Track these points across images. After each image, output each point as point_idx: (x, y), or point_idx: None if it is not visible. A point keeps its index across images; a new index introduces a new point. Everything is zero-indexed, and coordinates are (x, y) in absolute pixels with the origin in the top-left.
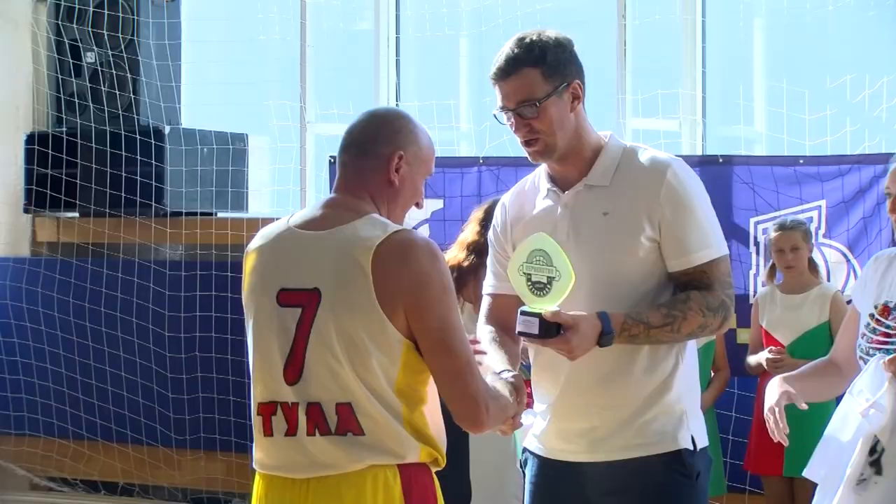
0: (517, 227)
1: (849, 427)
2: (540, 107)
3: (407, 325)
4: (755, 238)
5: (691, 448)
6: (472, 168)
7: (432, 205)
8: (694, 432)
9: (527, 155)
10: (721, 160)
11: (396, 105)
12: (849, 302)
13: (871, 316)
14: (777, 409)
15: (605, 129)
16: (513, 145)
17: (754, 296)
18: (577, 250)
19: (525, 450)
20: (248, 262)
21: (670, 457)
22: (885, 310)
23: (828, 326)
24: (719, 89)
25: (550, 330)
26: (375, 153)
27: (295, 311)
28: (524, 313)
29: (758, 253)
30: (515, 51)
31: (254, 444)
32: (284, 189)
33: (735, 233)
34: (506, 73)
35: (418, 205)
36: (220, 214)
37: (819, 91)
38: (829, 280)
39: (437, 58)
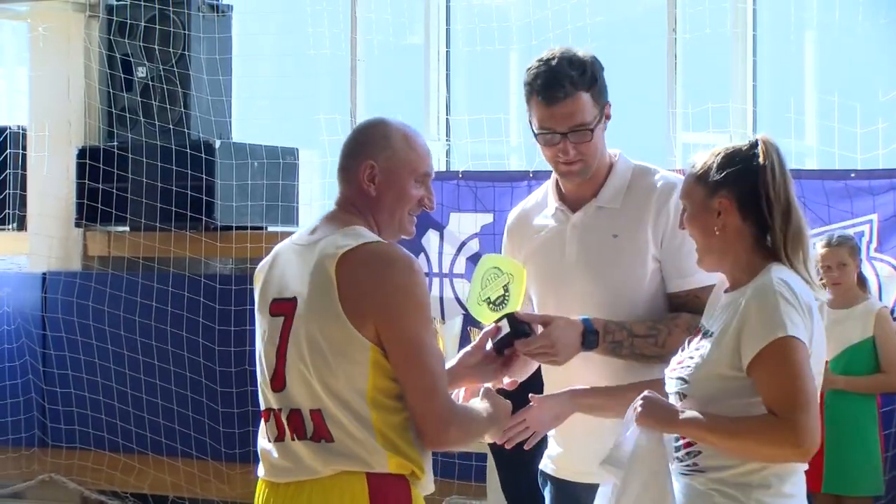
0: (525, 247)
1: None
2: (593, 132)
3: (377, 334)
4: None
5: None
6: (522, 182)
7: (482, 219)
8: None
9: (558, 171)
10: None
11: (447, 119)
12: None
13: None
14: None
15: (656, 144)
16: None
17: None
18: (586, 271)
19: (541, 472)
20: (257, 281)
21: None
22: None
23: (872, 342)
24: (770, 103)
25: (521, 328)
26: (348, 167)
27: (280, 321)
28: (498, 320)
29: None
30: (571, 73)
31: None
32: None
33: None
34: (566, 94)
35: (424, 206)
36: (270, 228)
37: (871, 104)
38: (881, 294)
39: (488, 72)
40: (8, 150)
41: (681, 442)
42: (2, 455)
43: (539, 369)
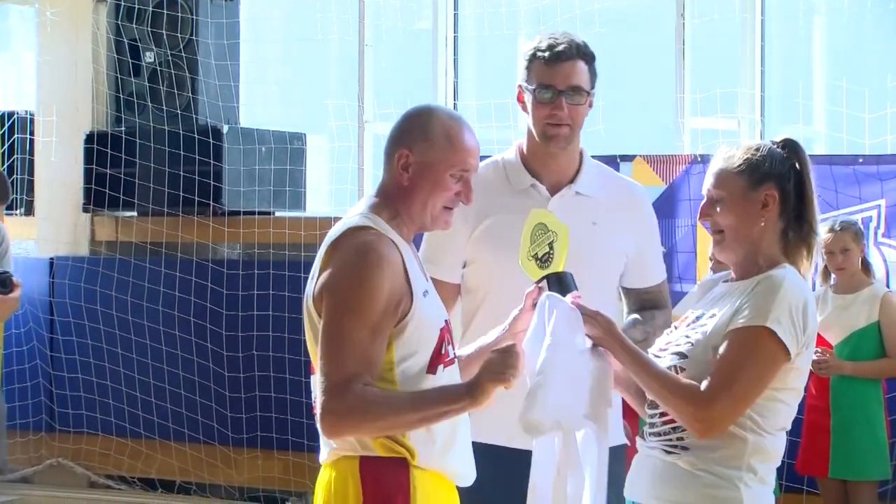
0: (486, 222)
1: None
2: (587, 97)
3: None
4: None
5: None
6: None
7: None
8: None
9: (545, 135)
10: None
11: (454, 105)
12: None
13: None
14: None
15: (664, 129)
16: None
17: None
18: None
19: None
20: None
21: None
22: None
23: (877, 327)
24: (778, 88)
25: (570, 285)
26: (387, 153)
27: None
28: (539, 281)
29: (818, 253)
30: (577, 42)
31: None
32: (342, 188)
33: None
34: (569, 56)
35: (461, 201)
36: (277, 214)
37: (879, 89)
38: (888, 280)
39: (496, 57)
40: (16, 136)
41: (664, 418)
42: (10, 440)
43: None
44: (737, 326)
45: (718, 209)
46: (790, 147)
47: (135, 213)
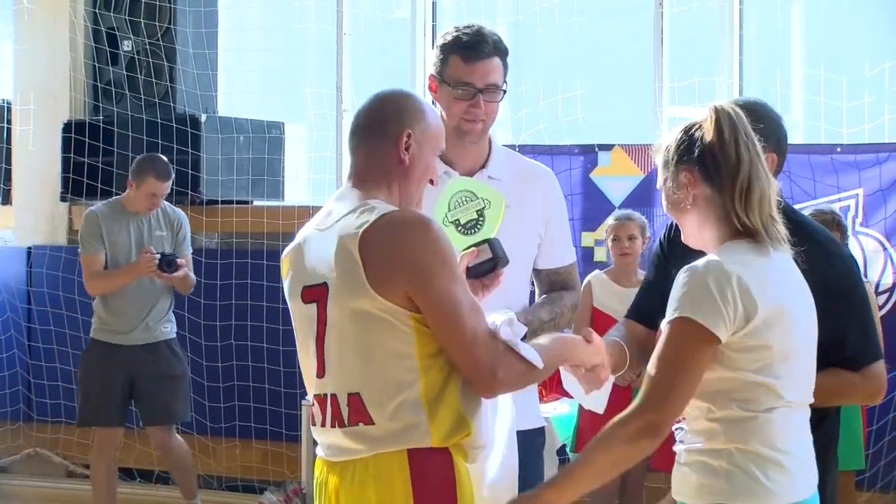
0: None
1: None
2: (502, 94)
3: (410, 300)
4: None
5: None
6: None
7: None
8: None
9: (460, 129)
10: None
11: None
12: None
13: None
14: None
15: (642, 118)
16: (549, 133)
17: None
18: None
19: None
20: (283, 268)
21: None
22: None
23: None
24: (756, 77)
25: (503, 253)
26: (384, 133)
27: (313, 307)
28: (469, 247)
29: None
30: (494, 38)
31: None
32: (321, 177)
33: None
34: (487, 54)
35: (432, 182)
36: (256, 203)
37: (857, 79)
38: (866, 269)
39: None
40: None
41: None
42: None
43: None
44: (665, 322)
45: (663, 204)
46: (708, 119)
47: None
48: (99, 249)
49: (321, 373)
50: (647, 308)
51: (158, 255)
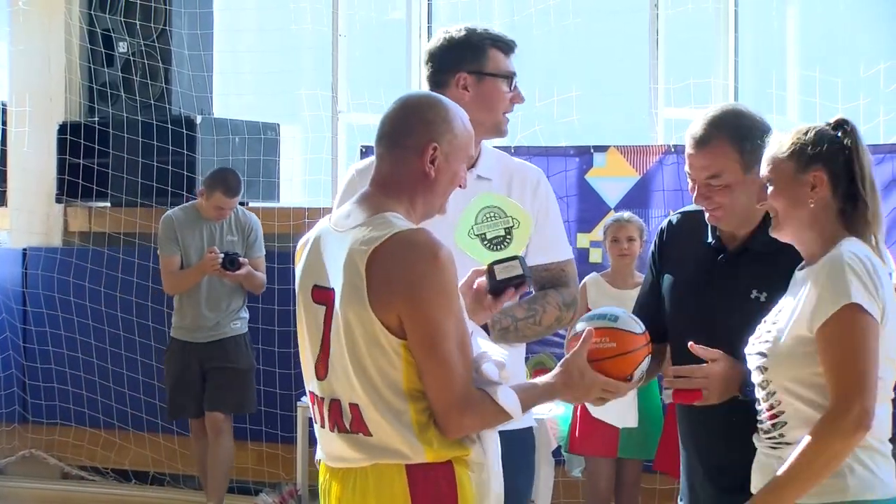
0: None
1: None
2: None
3: (402, 326)
4: None
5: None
6: None
7: None
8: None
9: (504, 126)
10: None
11: None
12: None
13: None
14: None
15: (638, 119)
16: (545, 135)
17: None
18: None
19: None
20: (298, 257)
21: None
22: None
23: None
24: (752, 78)
25: (528, 272)
26: (409, 145)
27: (322, 309)
28: (500, 261)
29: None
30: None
31: None
32: (316, 179)
33: None
34: (514, 49)
35: (461, 186)
36: (251, 204)
37: (852, 80)
38: None
39: None
40: None
41: (768, 413)
42: None
43: None
44: (826, 319)
45: (770, 194)
46: (841, 127)
47: (108, 204)
48: (174, 252)
49: (323, 375)
50: (646, 317)
51: (222, 255)
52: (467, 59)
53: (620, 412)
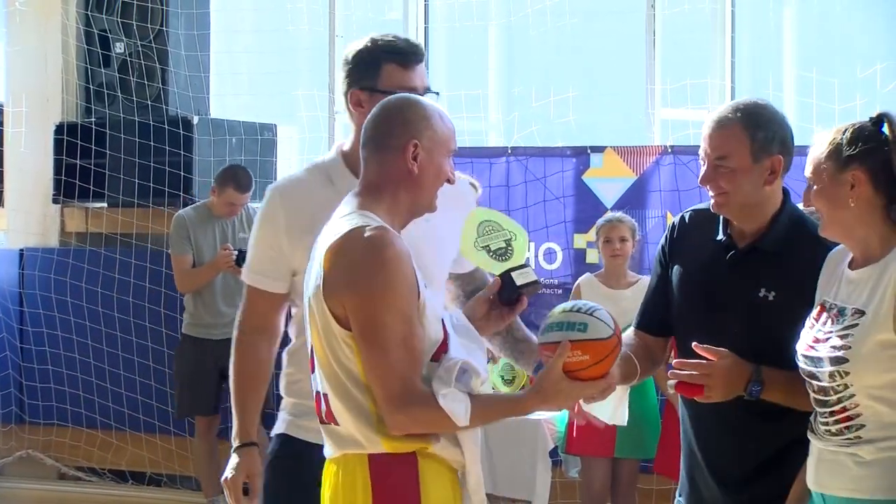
0: (315, 229)
1: None
2: None
3: (348, 317)
4: None
5: None
6: (500, 158)
7: None
8: None
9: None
10: None
11: None
12: None
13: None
14: None
15: (635, 120)
16: (541, 135)
17: None
18: (435, 246)
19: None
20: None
21: None
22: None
23: None
24: (748, 79)
25: (536, 279)
26: (391, 145)
27: (307, 303)
28: (513, 269)
29: None
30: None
31: None
32: None
33: None
34: (420, 58)
35: (449, 181)
36: (248, 205)
37: (849, 81)
38: None
39: (466, 48)
40: None
41: (836, 416)
42: None
43: None
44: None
45: (813, 194)
46: (880, 122)
47: (105, 204)
48: (186, 250)
49: (312, 368)
50: (654, 316)
51: (236, 252)
52: (361, 75)
53: (610, 409)
